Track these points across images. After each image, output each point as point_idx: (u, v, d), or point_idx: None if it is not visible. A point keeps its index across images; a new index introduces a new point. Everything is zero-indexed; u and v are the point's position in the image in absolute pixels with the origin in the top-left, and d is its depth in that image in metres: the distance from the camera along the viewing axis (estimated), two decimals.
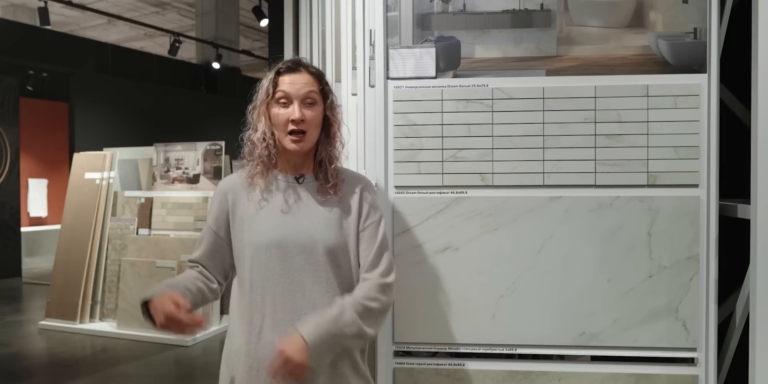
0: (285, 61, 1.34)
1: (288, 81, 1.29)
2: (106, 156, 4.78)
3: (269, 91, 1.30)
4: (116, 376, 3.48)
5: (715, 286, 1.60)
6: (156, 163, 4.68)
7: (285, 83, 1.29)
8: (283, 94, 1.28)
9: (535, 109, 1.64)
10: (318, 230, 1.29)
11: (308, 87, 1.29)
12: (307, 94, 1.29)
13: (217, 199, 1.38)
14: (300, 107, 1.28)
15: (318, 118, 1.31)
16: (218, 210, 1.37)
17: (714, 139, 1.60)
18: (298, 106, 1.28)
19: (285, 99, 1.29)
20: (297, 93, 1.28)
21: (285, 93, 1.28)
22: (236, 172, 1.40)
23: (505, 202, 1.65)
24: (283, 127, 1.29)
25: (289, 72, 1.30)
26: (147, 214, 4.58)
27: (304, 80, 1.30)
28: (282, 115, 1.28)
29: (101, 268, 4.56)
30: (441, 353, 1.72)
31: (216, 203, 1.38)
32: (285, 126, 1.28)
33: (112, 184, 4.71)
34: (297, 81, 1.29)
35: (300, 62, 1.33)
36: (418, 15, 1.68)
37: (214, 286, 1.36)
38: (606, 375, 1.63)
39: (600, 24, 1.65)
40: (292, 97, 1.28)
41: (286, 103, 1.29)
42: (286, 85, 1.29)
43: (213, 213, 1.38)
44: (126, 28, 10.25)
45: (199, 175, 4.55)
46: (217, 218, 1.36)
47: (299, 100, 1.28)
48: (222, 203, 1.36)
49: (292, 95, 1.28)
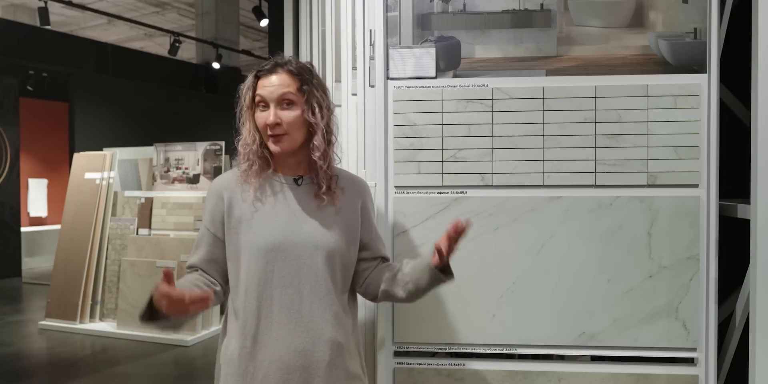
0: (265, 62, 1.30)
1: (264, 84, 1.26)
2: (106, 156, 4.78)
3: (249, 95, 1.28)
4: (116, 376, 3.48)
5: (715, 286, 1.60)
6: (156, 163, 4.68)
7: (261, 87, 1.26)
8: (260, 98, 1.26)
9: (535, 109, 1.64)
10: (318, 234, 1.28)
11: (283, 88, 1.25)
12: (283, 96, 1.25)
13: (213, 199, 1.33)
14: (275, 110, 1.25)
15: (297, 118, 1.26)
16: (215, 210, 1.32)
17: (714, 139, 1.60)
18: (274, 110, 1.25)
19: (263, 103, 1.26)
20: (271, 96, 1.25)
21: (261, 97, 1.26)
22: (230, 171, 1.37)
23: (505, 202, 1.65)
24: (263, 130, 1.27)
25: (266, 74, 1.27)
26: (147, 214, 4.58)
27: (280, 81, 1.25)
28: (260, 118, 1.26)
29: (101, 268, 4.56)
30: (441, 353, 1.72)
31: (211, 203, 1.33)
32: (265, 130, 1.26)
33: (112, 184, 4.71)
34: (273, 83, 1.26)
35: (277, 63, 1.28)
36: (418, 15, 1.68)
37: (217, 289, 1.32)
38: (606, 375, 1.63)
39: (600, 24, 1.65)
40: (268, 101, 1.25)
41: (265, 106, 1.26)
42: (261, 88, 1.26)
43: (208, 214, 1.33)
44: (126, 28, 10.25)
45: (199, 175, 4.55)
46: (214, 219, 1.32)
47: (274, 102, 1.25)
48: (218, 203, 1.32)
49: (267, 98, 1.25)
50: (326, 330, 1.26)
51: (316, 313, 1.25)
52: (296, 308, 1.25)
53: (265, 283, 1.25)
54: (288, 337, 1.24)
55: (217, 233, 1.32)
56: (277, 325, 1.24)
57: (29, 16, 9.13)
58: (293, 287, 1.25)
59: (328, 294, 1.27)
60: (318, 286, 1.26)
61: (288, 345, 1.23)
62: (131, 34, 10.81)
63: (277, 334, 1.24)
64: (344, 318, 1.31)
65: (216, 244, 1.32)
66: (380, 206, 1.68)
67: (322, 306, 1.26)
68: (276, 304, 1.25)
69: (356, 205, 1.35)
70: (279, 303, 1.25)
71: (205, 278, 1.32)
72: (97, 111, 7.31)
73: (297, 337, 1.24)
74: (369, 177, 1.69)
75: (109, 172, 4.72)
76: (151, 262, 4.29)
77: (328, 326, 1.26)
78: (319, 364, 1.24)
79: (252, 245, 1.26)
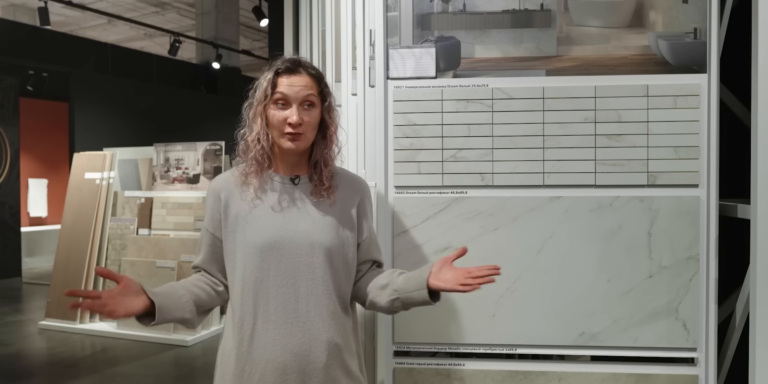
0: (284, 59, 1.30)
1: (287, 83, 1.26)
2: (106, 156, 4.78)
3: (267, 91, 1.27)
4: (116, 376, 3.48)
5: (715, 286, 1.60)
6: (156, 163, 4.68)
7: (283, 85, 1.26)
8: (281, 96, 1.26)
9: (535, 109, 1.64)
10: (315, 232, 1.27)
11: (307, 90, 1.26)
12: (306, 97, 1.26)
13: (211, 199, 1.34)
14: (298, 110, 1.25)
15: (315, 120, 1.29)
16: (213, 210, 1.33)
17: (714, 139, 1.60)
18: (297, 109, 1.25)
19: (283, 101, 1.26)
20: (296, 96, 1.25)
21: (283, 95, 1.25)
22: (229, 171, 1.37)
23: (505, 202, 1.65)
24: (279, 128, 1.26)
25: (288, 73, 1.27)
26: (147, 214, 4.58)
27: (303, 82, 1.26)
28: (278, 116, 1.26)
29: None
30: (441, 353, 1.72)
31: (210, 203, 1.34)
32: (282, 127, 1.26)
33: (112, 184, 4.71)
34: (296, 83, 1.26)
35: (300, 62, 1.29)
36: (418, 15, 1.68)
37: (220, 289, 1.33)
38: (606, 375, 1.63)
39: (600, 24, 1.65)
40: (291, 100, 1.25)
41: (284, 104, 1.26)
42: (284, 86, 1.26)
43: (208, 214, 1.34)
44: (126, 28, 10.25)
45: (199, 175, 4.55)
46: (213, 219, 1.33)
47: (297, 103, 1.25)
48: (216, 203, 1.33)
49: (290, 98, 1.25)
50: (323, 330, 1.25)
51: (313, 313, 1.25)
52: (292, 307, 1.25)
53: (261, 281, 1.25)
54: (284, 338, 1.23)
55: (215, 233, 1.33)
56: (273, 325, 1.24)
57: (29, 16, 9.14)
58: (289, 286, 1.25)
59: (325, 293, 1.27)
60: (315, 285, 1.26)
61: (284, 346, 1.23)
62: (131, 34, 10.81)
63: (274, 334, 1.24)
64: (342, 318, 1.30)
65: (215, 243, 1.33)
66: (380, 206, 1.68)
67: (318, 305, 1.26)
68: (272, 303, 1.25)
69: (354, 203, 1.35)
70: (275, 302, 1.25)
71: (206, 278, 1.34)
72: (97, 111, 7.31)
73: (293, 338, 1.24)
74: (369, 177, 1.69)
75: (109, 172, 4.72)
76: (151, 262, 4.29)
77: (325, 326, 1.26)
78: (315, 365, 1.24)
79: (248, 244, 1.26)
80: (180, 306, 1.24)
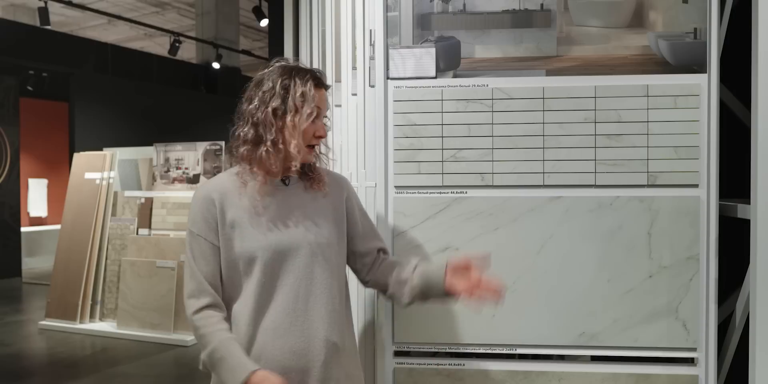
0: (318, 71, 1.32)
1: (323, 97, 1.30)
2: (106, 156, 4.78)
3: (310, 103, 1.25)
4: (116, 376, 3.48)
5: (715, 286, 1.60)
6: (156, 163, 4.68)
7: (321, 100, 1.29)
8: (319, 110, 1.28)
9: (535, 109, 1.64)
10: (312, 232, 1.29)
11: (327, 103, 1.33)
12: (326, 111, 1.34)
13: (203, 205, 1.27)
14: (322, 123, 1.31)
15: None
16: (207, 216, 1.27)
17: (714, 139, 1.60)
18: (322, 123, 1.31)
19: (316, 114, 1.28)
20: (325, 110, 1.32)
21: (320, 110, 1.29)
22: (222, 174, 1.34)
23: (505, 202, 1.65)
24: (307, 139, 1.28)
25: (323, 87, 1.31)
26: (147, 214, 4.58)
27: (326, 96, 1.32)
28: (313, 128, 1.27)
29: (101, 268, 4.56)
30: (441, 353, 1.72)
31: (202, 210, 1.27)
32: (310, 139, 1.28)
33: (112, 184, 4.71)
34: (324, 97, 1.31)
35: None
36: (418, 15, 1.68)
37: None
38: (606, 375, 1.63)
39: (600, 24, 1.65)
40: (321, 114, 1.30)
41: (317, 117, 1.28)
42: (321, 101, 1.30)
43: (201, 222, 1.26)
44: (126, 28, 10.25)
45: (199, 175, 4.55)
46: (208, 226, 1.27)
47: (322, 115, 1.31)
48: (209, 208, 1.27)
49: (322, 112, 1.30)
50: (321, 329, 1.26)
51: (312, 312, 1.26)
52: (292, 307, 1.26)
53: (262, 285, 1.25)
54: (284, 338, 1.24)
55: (213, 240, 1.27)
56: (272, 325, 1.25)
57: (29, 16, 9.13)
58: (289, 287, 1.26)
59: (324, 292, 1.28)
60: (314, 284, 1.27)
61: (283, 345, 1.24)
62: (131, 34, 10.81)
63: (273, 334, 1.24)
64: (340, 316, 1.32)
65: (215, 252, 1.27)
66: (380, 206, 1.68)
67: (317, 304, 1.27)
68: (273, 304, 1.25)
69: (341, 198, 1.38)
70: (275, 303, 1.25)
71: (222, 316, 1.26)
72: (97, 111, 7.31)
73: (292, 337, 1.24)
74: (369, 177, 1.70)
75: (109, 172, 4.72)
76: (151, 262, 4.30)
77: (324, 325, 1.27)
78: (314, 363, 1.25)
79: (248, 249, 1.26)
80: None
